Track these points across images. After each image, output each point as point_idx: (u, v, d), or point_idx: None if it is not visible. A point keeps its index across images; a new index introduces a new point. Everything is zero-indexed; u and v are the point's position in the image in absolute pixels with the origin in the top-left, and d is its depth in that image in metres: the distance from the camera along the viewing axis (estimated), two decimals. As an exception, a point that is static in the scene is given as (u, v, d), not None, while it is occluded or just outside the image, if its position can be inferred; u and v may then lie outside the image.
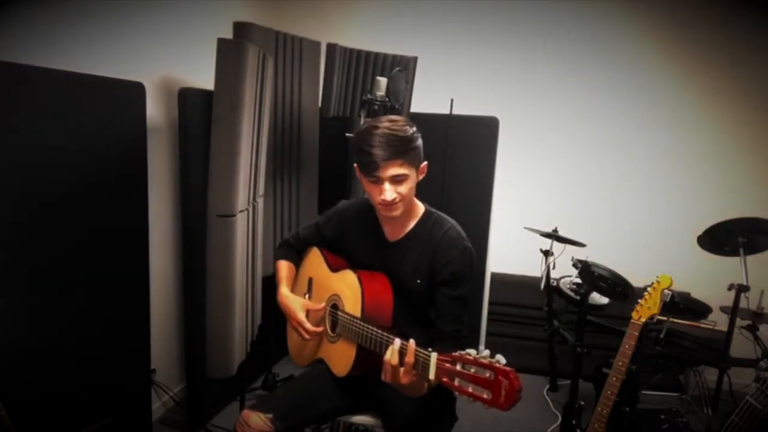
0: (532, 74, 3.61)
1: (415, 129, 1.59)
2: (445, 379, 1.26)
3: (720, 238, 2.62)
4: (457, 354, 1.24)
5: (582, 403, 2.47)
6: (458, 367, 1.23)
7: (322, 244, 1.89)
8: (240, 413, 1.68)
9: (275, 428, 1.61)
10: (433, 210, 1.74)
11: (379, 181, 1.55)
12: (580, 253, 2.71)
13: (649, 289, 2.00)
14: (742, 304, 2.61)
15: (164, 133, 2.68)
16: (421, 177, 1.64)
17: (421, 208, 1.73)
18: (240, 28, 2.52)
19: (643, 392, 2.77)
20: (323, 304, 1.76)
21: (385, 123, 1.55)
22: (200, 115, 2.46)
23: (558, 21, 3.54)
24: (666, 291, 1.99)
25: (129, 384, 2.39)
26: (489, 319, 3.73)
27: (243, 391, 2.79)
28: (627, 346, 1.99)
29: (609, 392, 2.01)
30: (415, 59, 3.14)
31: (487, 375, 1.17)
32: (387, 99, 2.79)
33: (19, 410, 1.62)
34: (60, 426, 2.04)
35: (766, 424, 1.55)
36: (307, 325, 1.72)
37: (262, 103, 2.48)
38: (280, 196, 3.00)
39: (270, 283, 1.99)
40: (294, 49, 2.89)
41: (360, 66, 3.04)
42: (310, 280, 1.90)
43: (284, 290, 1.83)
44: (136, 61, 2.46)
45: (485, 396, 1.17)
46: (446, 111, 3.29)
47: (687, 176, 3.51)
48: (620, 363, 1.99)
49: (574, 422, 2.47)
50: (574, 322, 2.60)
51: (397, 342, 1.40)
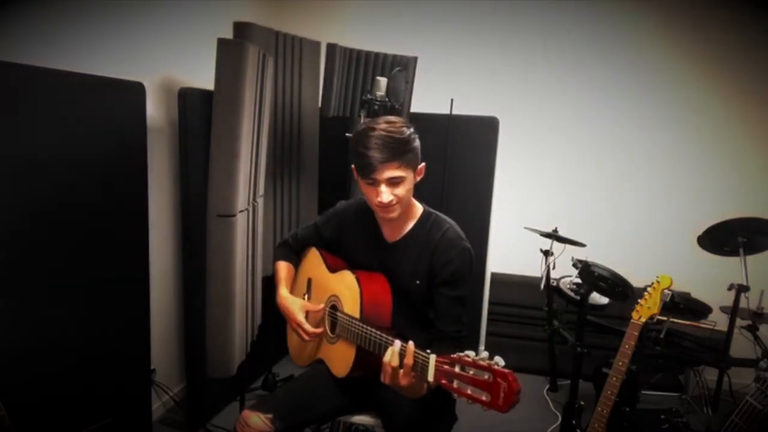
0: (532, 74, 3.61)
1: (412, 130, 1.56)
2: (443, 381, 1.25)
3: (720, 238, 2.62)
4: (455, 356, 1.24)
5: (582, 403, 2.48)
6: (457, 369, 1.22)
7: (321, 245, 1.89)
8: (240, 413, 1.68)
9: (275, 428, 1.61)
10: (432, 210, 1.73)
11: (375, 183, 1.53)
12: (580, 253, 2.71)
13: (649, 289, 2.00)
14: (742, 304, 2.61)
15: (164, 133, 2.68)
16: (418, 178, 1.62)
17: (419, 208, 1.72)
18: (240, 28, 2.52)
19: (643, 392, 2.77)
20: (322, 305, 1.75)
21: (382, 124, 1.53)
22: (200, 115, 2.46)
23: (558, 21, 3.54)
24: (666, 291, 1.99)
25: (129, 384, 2.39)
26: (489, 319, 3.73)
27: (243, 391, 2.79)
28: (627, 346, 1.99)
29: (609, 392, 2.01)
30: (415, 59, 3.13)
31: (486, 377, 1.17)
32: (387, 99, 2.78)
33: (19, 410, 1.62)
34: (60, 426, 2.04)
35: (766, 424, 1.55)
36: (307, 326, 1.72)
37: (262, 103, 2.48)
38: (280, 196, 3.00)
39: (270, 283, 1.99)
40: (294, 49, 2.89)
41: (360, 66, 3.04)
42: (309, 281, 1.89)
43: (283, 291, 1.83)
44: (136, 61, 2.46)
45: (484, 398, 1.16)
46: (446, 111, 3.29)
47: (687, 176, 3.51)
48: (620, 363, 1.99)
49: (574, 422, 2.47)
50: (574, 322, 2.61)
51: (397, 344, 1.39)
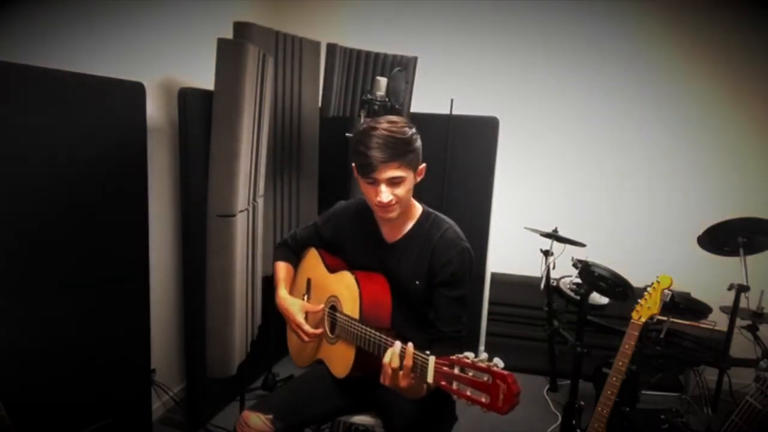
0: (532, 74, 3.61)
1: (414, 130, 1.56)
2: (443, 383, 1.25)
3: (720, 238, 2.62)
4: (455, 357, 1.23)
5: (582, 403, 2.48)
6: (456, 370, 1.22)
7: (321, 245, 1.88)
8: (240, 413, 1.69)
9: (275, 429, 1.61)
10: (431, 210, 1.73)
11: (375, 183, 1.53)
12: (580, 253, 2.71)
13: (649, 289, 2.00)
14: (742, 304, 2.61)
15: (164, 133, 2.68)
16: (419, 179, 1.62)
17: (418, 208, 1.71)
18: (240, 28, 2.52)
19: (643, 392, 2.77)
20: (322, 306, 1.75)
21: (384, 124, 1.52)
22: (200, 115, 2.46)
23: (558, 21, 3.53)
24: (666, 291, 1.99)
25: (129, 384, 2.39)
26: (489, 319, 3.73)
27: (243, 391, 2.79)
28: (627, 346, 1.99)
29: (609, 392, 2.01)
30: (415, 59, 3.13)
31: (485, 379, 1.16)
32: (387, 99, 2.78)
33: (19, 410, 1.62)
34: (60, 426, 2.04)
35: (766, 424, 1.54)
36: (306, 327, 1.72)
37: (262, 103, 2.48)
38: (280, 196, 3.00)
39: (270, 283, 1.99)
40: (294, 49, 2.89)
41: (360, 66, 3.04)
42: (308, 281, 1.89)
43: (282, 292, 1.83)
44: (136, 61, 2.46)
45: (483, 400, 1.16)
46: (446, 111, 3.29)
47: (687, 176, 3.51)
48: (620, 363, 1.99)
49: (574, 422, 2.47)
50: (574, 322, 2.61)
51: (397, 345, 1.39)
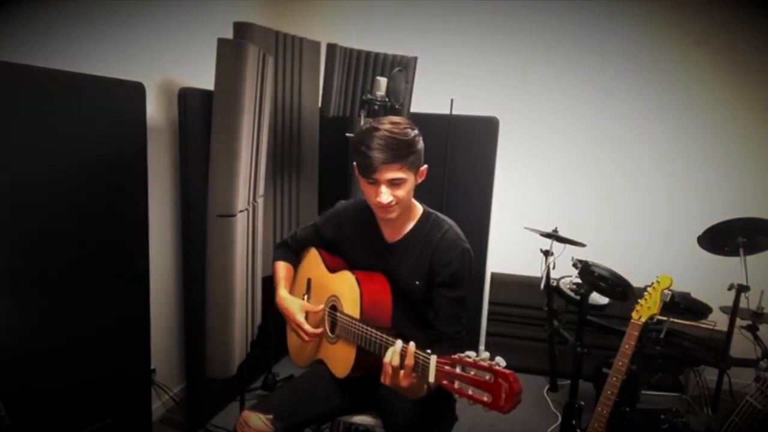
0: (532, 74, 3.61)
1: (417, 132, 1.55)
2: (444, 382, 1.25)
3: (720, 238, 2.62)
4: (456, 356, 1.23)
5: (582, 403, 2.48)
6: (458, 369, 1.22)
7: (321, 245, 1.88)
8: (240, 413, 1.68)
9: (275, 429, 1.61)
10: (432, 211, 1.72)
11: (376, 183, 1.53)
12: (580, 253, 2.71)
13: (649, 289, 2.00)
14: (742, 304, 2.61)
15: (164, 133, 2.68)
16: (420, 180, 1.61)
17: (419, 209, 1.71)
18: (240, 28, 2.52)
19: (643, 392, 2.77)
20: (322, 306, 1.75)
21: (386, 125, 1.51)
22: (200, 115, 2.46)
23: (558, 21, 3.53)
24: (666, 291, 1.99)
25: (129, 384, 2.39)
26: (489, 319, 3.73)
27: (243, 391, 2.79)
28: (627, 346, 1.99)
29: (609, 392, 2.01)
30: (415, 59, 3.13)
31: (487, 378, 1.16)
32: (387, 99, 2.78)
33: (19, 410, 1.62)
34: (60, 426, 2.04)
35: (766, 424, 1.54)
36: (306, 327, 1.72)
37: (262, 103, 2.48)
38: (280, 196, 2.99)
39: (270, 283, 1.99)
40: (294, 49, 2.89)
41: (360, 66, 3.04)
42: (308, 281, 1.89)
43: (282, 292, 1.83)
44: (136, 61, 2.45)
45: (485, 399, 1.16)
46: (446, 111, 3.29)
47: (687, 176, 3.51)
48: (620, 363, 1.99)
49: (574, 422, 2.47)
50: (574, 322, 2.61)
51: (398, 344, 1.39)
